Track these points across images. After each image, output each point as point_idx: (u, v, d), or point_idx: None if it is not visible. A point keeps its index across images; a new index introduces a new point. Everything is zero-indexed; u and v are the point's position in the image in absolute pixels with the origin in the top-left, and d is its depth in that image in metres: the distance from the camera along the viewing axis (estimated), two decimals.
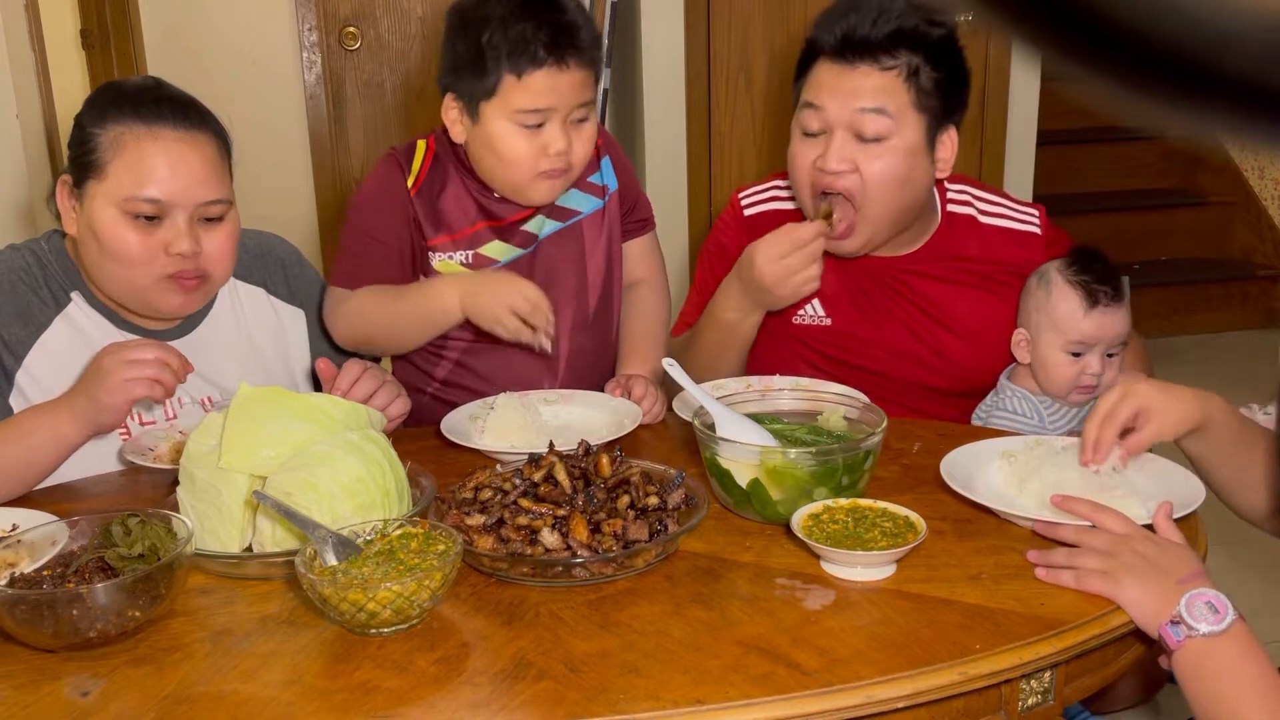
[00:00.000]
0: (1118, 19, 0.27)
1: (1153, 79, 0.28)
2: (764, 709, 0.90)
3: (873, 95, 1.54)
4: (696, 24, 3.64)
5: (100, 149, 1.39)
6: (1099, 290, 1.53)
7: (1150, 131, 0.32)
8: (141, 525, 1.10)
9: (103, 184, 1.39)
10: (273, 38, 3.82)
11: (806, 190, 1.62)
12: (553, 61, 1.50)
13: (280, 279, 1.65)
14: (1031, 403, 1.59)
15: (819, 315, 1.71)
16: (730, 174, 3.79)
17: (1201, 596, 1.00)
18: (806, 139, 1.61)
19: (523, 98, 1.51)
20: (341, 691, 0.93)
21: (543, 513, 1.14)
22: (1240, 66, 0.26)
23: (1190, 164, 4.82)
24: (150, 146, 1.39)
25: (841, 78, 1.56)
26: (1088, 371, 1.55)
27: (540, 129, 1.54)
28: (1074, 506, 1.15)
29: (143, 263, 1.41)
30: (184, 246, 1.41)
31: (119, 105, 1.41)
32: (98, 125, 1.40)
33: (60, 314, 1.47)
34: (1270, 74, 0.26)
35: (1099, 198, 4.69)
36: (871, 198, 1.57)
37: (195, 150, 1.42)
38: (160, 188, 1.39)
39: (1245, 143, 0.29)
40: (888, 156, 1.55)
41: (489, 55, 1.50)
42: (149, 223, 1.40)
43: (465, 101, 1.56)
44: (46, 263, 1.49)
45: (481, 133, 1.56)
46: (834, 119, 1.57)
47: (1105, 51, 0.28)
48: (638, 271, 1.78)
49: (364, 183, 1.67)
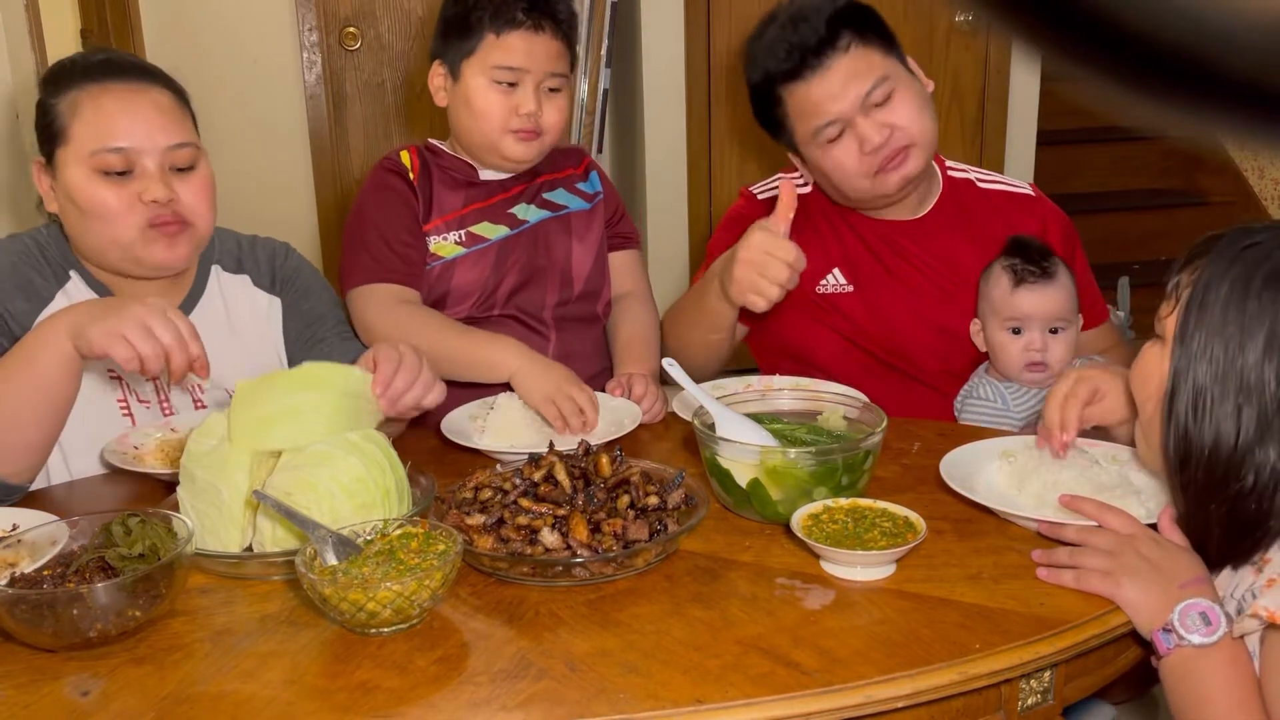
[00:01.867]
0: (1118, 19, 0.27)
1: (1153, 79, 0.28)
2: (764, 709, 0.90)
3: (861, 78, 1.61)
4: (696, 24, 3.64)
5: (59, 115, 1.43)
6: (1025, 270, 1.65)
7: (1150, 131, 0.32)
8: (141, 525, 1.10)
9: (69, 147, 1.42)
10: (273, 38, 3.82)
11: (866, 182, 1.67)
12: (530, 25, 1.64)
13: (266, 269, 1.65)
14: (997, 389, 1.66)
15: (841, 284, 1.76)
16: (730, 174, 3.79)
17: (1196, 607, 1.00)
18: (834, 145, 1.65)
19: (500, 55, 1.64)
20: (341, 691, 0.93)
21: (543, 512, 1.14)
22: (1241, 66, 0.26)
23: (1190, 164, 4.81)
24: (104, 99, 1.42)
25: (825, 85, 1.62)
26: (1031, 349, 1.63)
27: (514, 89, 1.66)
28: (1080, 506, 1.16)
29: (120, 215, 1.42)
30: (158, 192, 1.42)
31: (70, 74, 1.45)
32: (54, 96, 1.44)
33: (61, 290, 1.49)
34: (1270, 74, 0.26)
35: (1099, 198, 4.69)
36: (916, 132, 1.65)
37: (149, 98, 1.45)
38: (122, 136, 1.41)
39: (1245, 143, 0.29)
40: (903, 97, 1.64)
41: (473, 16, 1.65)
42: (120, 177, 1.42)
43: (449, 64, 1.69)
44: (45, 245, 1.51)
45: (460, 90, 1.68)
46: (848, 115, 1.63)
47: (1105, 51, 0.28)
48: (625, 284, 1.86)
49: (366, 188, 1.74)
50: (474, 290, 1.71)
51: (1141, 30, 0.27)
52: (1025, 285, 1.63)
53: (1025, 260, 1.65)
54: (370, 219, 1.69)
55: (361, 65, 3.96)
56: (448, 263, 1.70)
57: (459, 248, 1.71)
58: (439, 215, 1.72)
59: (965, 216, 1.78)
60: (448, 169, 1.74)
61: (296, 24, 3.83)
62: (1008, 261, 1.66)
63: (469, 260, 1.71)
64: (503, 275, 1.72)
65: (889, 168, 1.65)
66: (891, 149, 1.63)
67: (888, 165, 1.65)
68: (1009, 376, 1.67)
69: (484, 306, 1.72)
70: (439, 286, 1.70)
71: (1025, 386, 1.66)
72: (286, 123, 3.88)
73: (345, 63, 3.95)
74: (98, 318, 1.26)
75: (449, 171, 1.74)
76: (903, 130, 1.63)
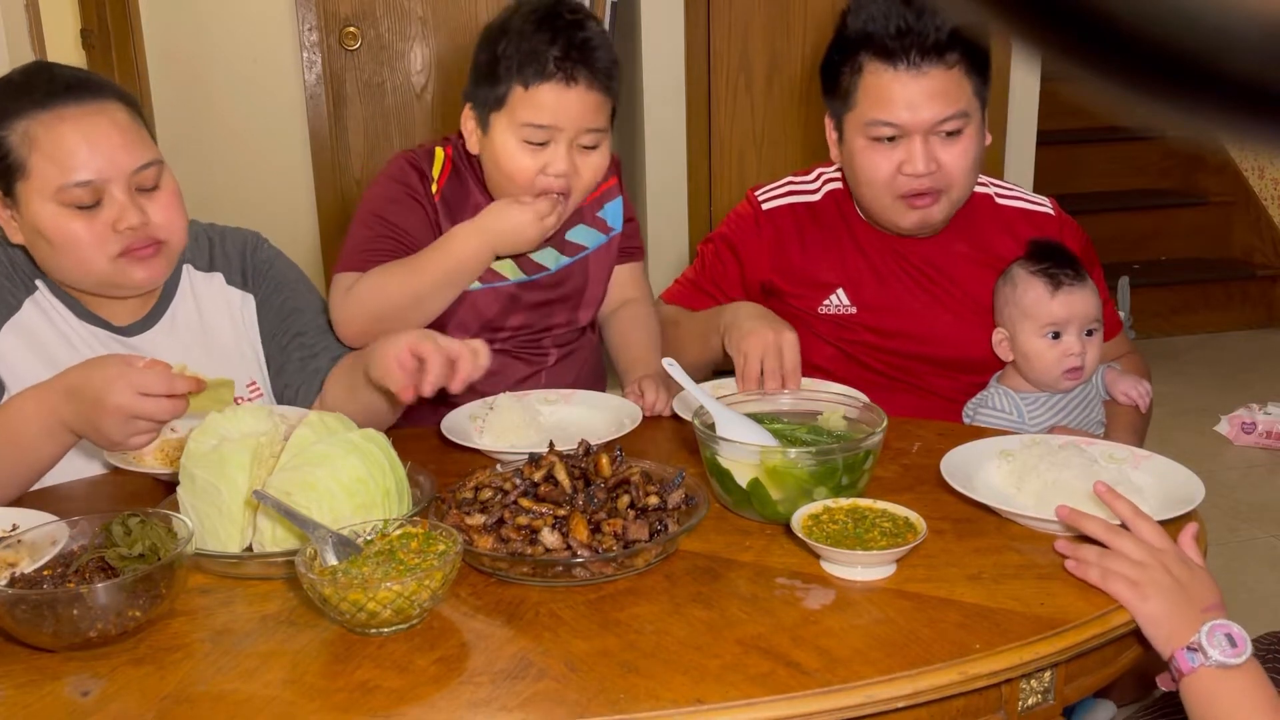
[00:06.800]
0: (1118, 19, 0.27)
1: (1153, 79, 0.28)
2: (764, 709, 0.90)
3: (949, 102, 1.55)
4: (696, 24, 3.64)
5: (13, 149, 1.36)
6: (1059, 273, 1.60)
7: (1150, 131, 0.32)
8: (141, 525, 1.10)
9: (29, 182, 1.36)
10: (273, 38, 3.82)
11: (889, 195, 1.62)
12: (561, 76, 1.48)
13: (236, 265, 1.60)
14: (1013, 399, 1.64)
15: (844, 304, 1.73)
16: (730, 174, 3.79)
17: (1223, 628, 1.01)
18: (878, 145, 1.59)
19: (528, 111, 1.50)
20: (341, 691, 0.93)
21: (543, 512, 1.14)
22: (1240, 66, 0.26)
23: (1190, 164, 4.82)
24: (61, 129, 1.35)
25: (911, 87, 1.54)
26: (1069, 353, 1.59)
27: (544, 148, 1.53)
28: (1117, 505, 1.14)
29: (93, 246, 1.38)
30: (132, 219, 1.38)
31: (15, 99, 1.37)
32: (3, 128, 1.37)
33: (29, 298, 1.46)
34: (1270, 74, 0.26)
35: (1099, 198, 4.69)
36: (956, 183, 1.61)
37: (106, 118, 1.38)
38: (87, 168, 1.36)
39: (1245, 143, 0.29)
40: (965, 145, 1.59)
41: (501, 64, 1.51)
42: (90, 209, 1.37)
43: (479, 112, 1.57)
44: (12, 254, 1.48)
45: (489, 145, 1.56)
46: (913, 128, 1.56)
47: (1105, 51, 0.28)
48: (630, 292, 1.81)
49: (380, 178, 1.67)
50: (480, 324, 1.68)
51: (1141, 30, 0.27)
52: (1064, 289, 1.59)
53: (1056, 264, 1.61)
54: (374, 211, 1.62)
55: (361, 65, 3.96)
56: None
57: (475, 281, 1.65)
58: None
59: (979, 236, 1.73)
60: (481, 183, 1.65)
61: (296, 24, 3.83)
62: (1037, 267, 1.62)
63: (483, 296, 1.67)
64: (510, 314, 1.69)
65: (915, 203, 1.61)
66: (926, 185, 1.59)
67: (914, 200, 1.60)
68: (1044, 384, 1.63)
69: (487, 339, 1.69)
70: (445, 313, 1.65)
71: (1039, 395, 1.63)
72: (286, 123, 3.88)
73: (345, 63, 3.95)
74: (87, 425, 1.25)
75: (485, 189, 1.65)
76: (947, 174, 1.58)
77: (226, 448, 1.16)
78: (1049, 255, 1.62)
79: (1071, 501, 1.21)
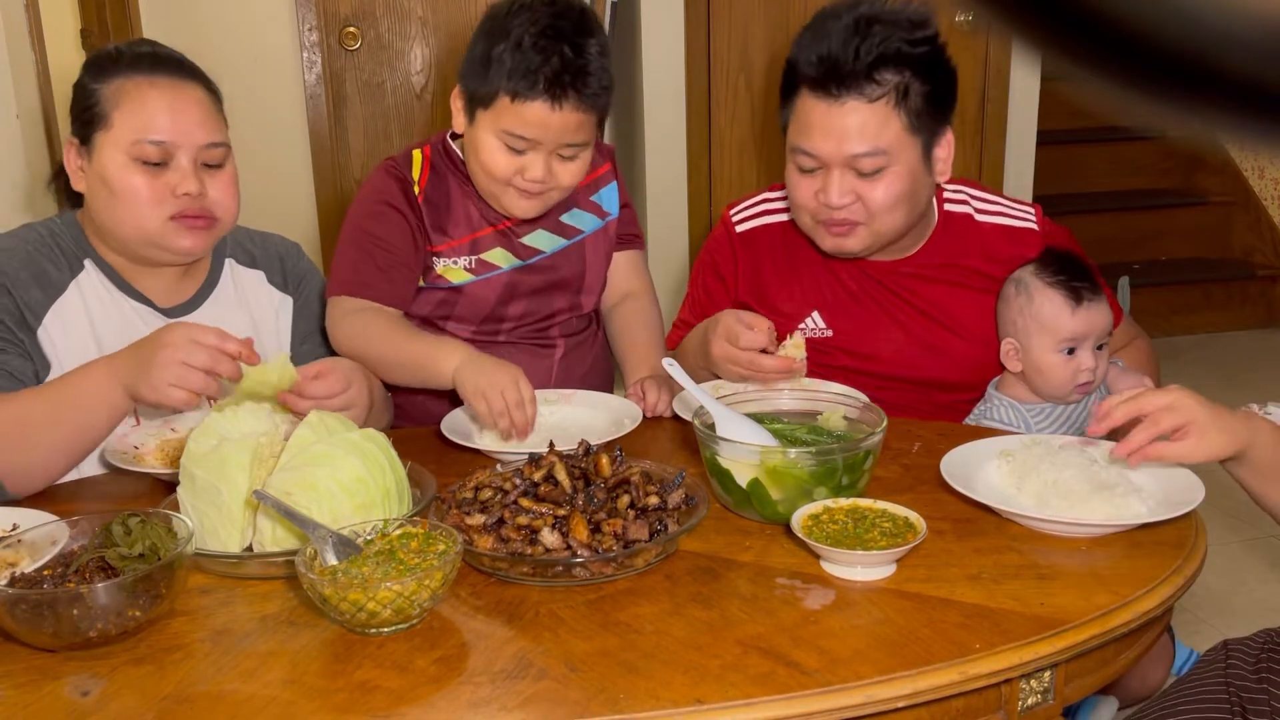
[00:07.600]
0: (1118, 19, 0.27)
1: (1153, 79, 0.28)
2: (764, 709, 0.90)
3: (863, 137, 1.50)
4: (696, 24, 3.64)
5: (103, 101, 1.47)
6: (1079, 287, 1.56)
7: (1150, 131, 0.32)
8: (142, 525, 1.10)
9: (109, 133, 1.46)
10: (273, 38, 3.82)
11: (809, 219, 1.61)
12: (549, 99, 1.49)
13: (277, 268, 1.69)
14: (1019, 411, 1.60)
15: (820, 328, 1.70)
16: (730, 175, 3.79)
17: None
18: (804, 173, 1.58)
19: (512, 121, 1.52)
20: (341, 691, 0.93)
21: (543, 512, 1.14)
22: (1240, 66, 0.26)
23: (1190, 164, 4.82)
24: (150, 93, 1.47)
25: (829, 117, 1.51)
26: (1083, 368, 1.56)
27: (523, 154, 1.55)
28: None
29: (150, 203, 1.47)
30: (190, 186, 1.47)
31: (117, 62, 1.49)
32: (98, 81, 1.48)
33: (74, 280, 1.52)
34: (1270, 74, 0.26)
35: (1099, 198, 4.69)
36: (878, 218, 1.56)
37: (191, 96, 1.50)
38: (163, 131, 1.46)
39: (1245, 143, 0.29)
40: (889, 181, 1.53)
41: (494, 67, 1.51)
42: (155, 167, 1.47)
43: (465, 100, 1.59)
44: (59, 234, 1.54)
45: (472, 134, 1.59)
46: (829, 159, 1.53)
47: (1105, 51, 0.28)
48: (630, 284, 1.81)
49: (364, 192, 1.68)
50: (479, 315, 1.69)
51: (1141, 30, 0.27)
52: (1084, 304, 1.54)
53: (1074, 276, 1.56)
54: (361, 228, 1.63)
55: (361, 65, 3.96)
56: (455, 287, 1.67)
57: (468, 274, 1.66)
58: (451, 238, 1.65)
59: (957, 256, 1.68)
60: (465, 178, 1.66)
61: (296, 24, 3.83)
62: (1055, 278, 1.56)
63: (479, 288, 1.67)
64: (510, 302, 1.70)
65: (832, 230, 1.58)
66: (842, 217, 1.55)
67: (831, 227, 1.58)
68: (1053, 397, 1.60)
69: (489, 332, 1.70)
70: (443, 309, 1.68)
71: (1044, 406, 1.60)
72: (286, 123, 3.88)
73: (345, 63, 3.95)
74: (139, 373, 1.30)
75: (466, 181, 1.66)
76: (867, 208, 1.54)
77: (227, 448, 1.17)
78: (1065, 266, 1.57)
79: (1071, 501, 1.21)
